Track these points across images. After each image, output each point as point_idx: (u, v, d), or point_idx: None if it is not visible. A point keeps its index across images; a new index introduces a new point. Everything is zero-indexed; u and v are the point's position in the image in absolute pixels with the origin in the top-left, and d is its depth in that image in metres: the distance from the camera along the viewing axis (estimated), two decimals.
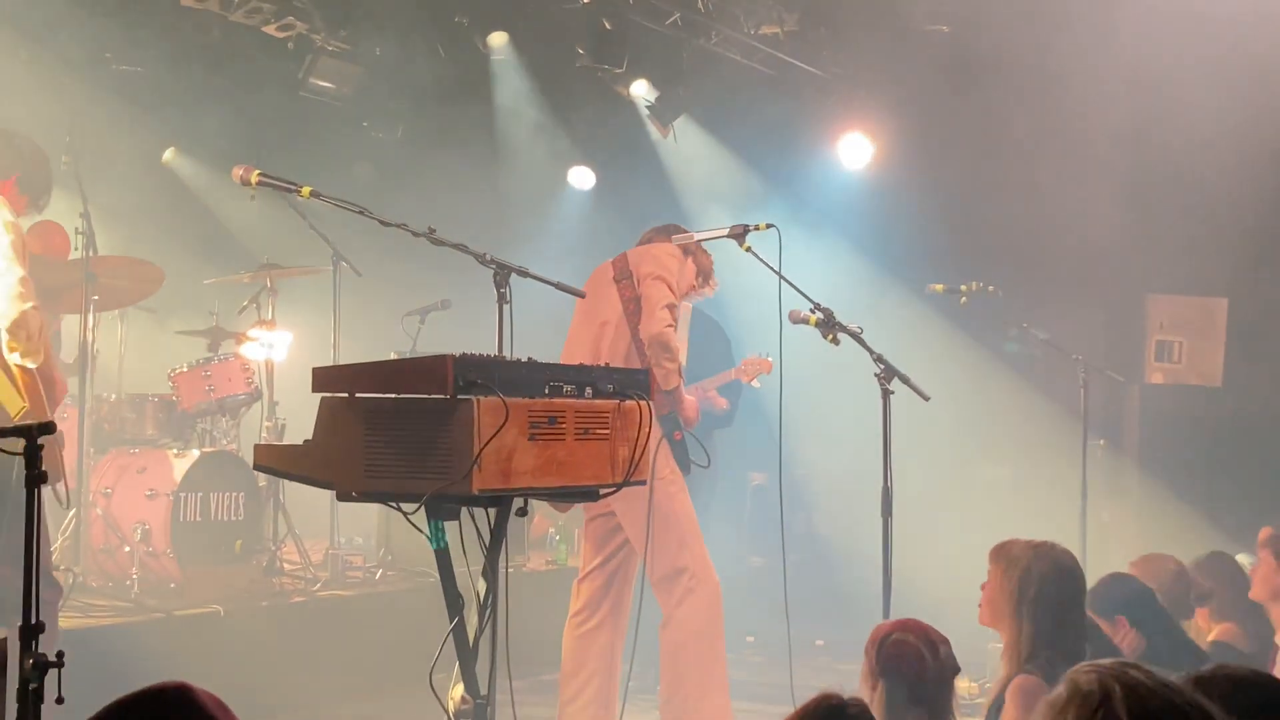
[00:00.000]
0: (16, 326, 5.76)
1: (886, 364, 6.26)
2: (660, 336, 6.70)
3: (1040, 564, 4.78)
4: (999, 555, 4.90)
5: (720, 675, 6.90)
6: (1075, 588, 4.87)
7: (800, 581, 7.10)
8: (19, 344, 5.77)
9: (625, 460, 4.86)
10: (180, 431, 8.73)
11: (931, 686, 4.22)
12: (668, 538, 6.80)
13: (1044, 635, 4.70)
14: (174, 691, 2.46)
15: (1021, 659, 4.69)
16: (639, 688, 6.64)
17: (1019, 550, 4.85)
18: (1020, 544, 4.88)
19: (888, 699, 4.21)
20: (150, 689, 2.45)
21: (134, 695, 2.44)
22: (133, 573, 7.91)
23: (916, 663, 4.21)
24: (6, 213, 5.98)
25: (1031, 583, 4.75)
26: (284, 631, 8.14)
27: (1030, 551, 4.82)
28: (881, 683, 4.23)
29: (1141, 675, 2.49)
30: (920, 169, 11.20)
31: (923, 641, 4.25)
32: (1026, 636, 4.72)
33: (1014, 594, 4.76)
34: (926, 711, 4.18)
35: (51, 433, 3.30)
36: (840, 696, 3.32)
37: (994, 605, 4.86)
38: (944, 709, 4.24)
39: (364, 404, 4.39)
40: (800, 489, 11.04)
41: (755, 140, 11.69)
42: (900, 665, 4.21)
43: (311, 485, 4.58)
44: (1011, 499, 10.34)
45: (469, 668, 4.64)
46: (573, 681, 6.96)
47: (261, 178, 5.36)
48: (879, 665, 4.24)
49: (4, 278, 5.78)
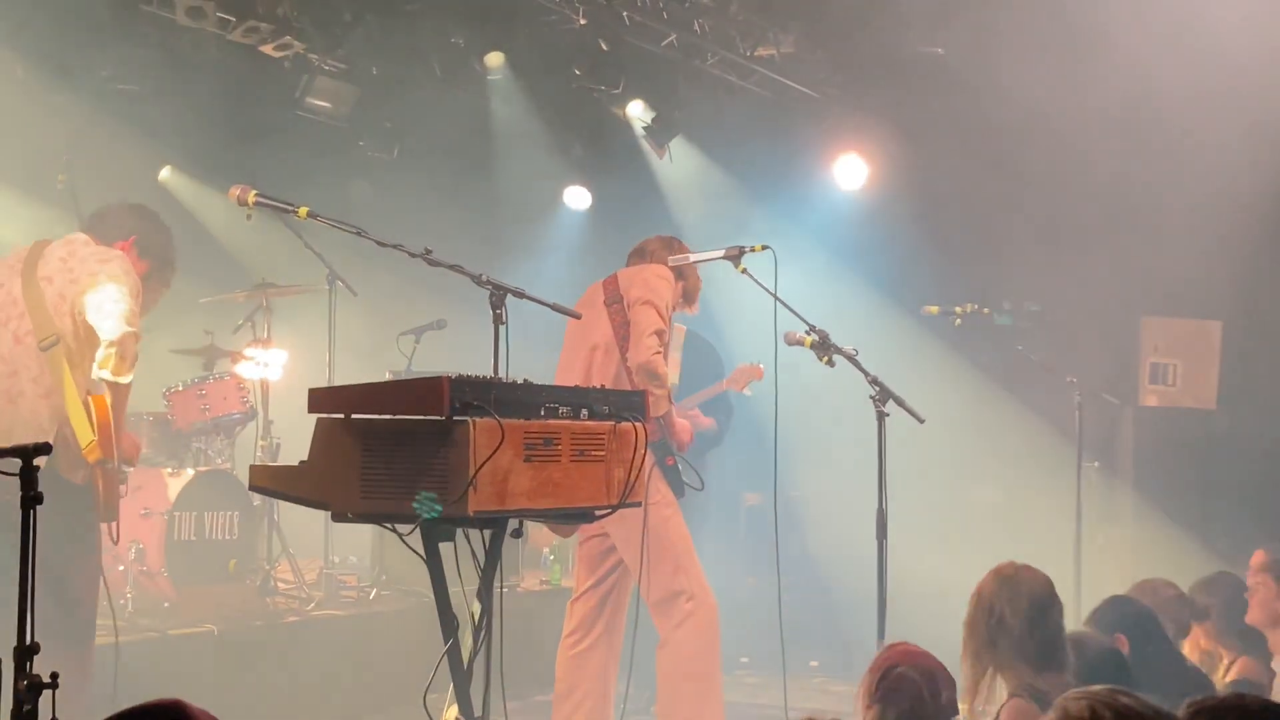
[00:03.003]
0: (116, 344, 6.05)
1: (881, 386, 6.27)
2: (648, 365, 6.69)
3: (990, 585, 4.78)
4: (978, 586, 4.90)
5: (716, 697, 6.89)
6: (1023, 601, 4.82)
7: (794, 603, 7.09)
8: (112, 361, 6.05)
9: (621, 482, 4.86)
10: (175, 450, 8.72)
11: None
12: (663, 561, 6.80)
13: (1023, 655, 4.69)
14: (168, 709, 2.46)
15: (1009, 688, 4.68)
16: (634, 709, 6.64)
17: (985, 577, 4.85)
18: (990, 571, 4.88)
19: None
20: (144, 706, 2.45)
21: (127, 712, 2.44)
22: (126, 592, 7.90)
23: (913, 699, 4.21)
24: (128, 264, 6.35)
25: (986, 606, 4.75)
26: (278, 651, 8.13)
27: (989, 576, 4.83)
28: (876, 708, 4.23)
29: (1132, 701, 2.50)
30: (915, 190, 11.21)
31: (926, 681, 4.24)
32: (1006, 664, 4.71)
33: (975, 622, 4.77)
34: None
35: (47, 453, 3.30)
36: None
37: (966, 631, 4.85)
38: None
39: (360, 425, 4.39)
40: (795, 510, 11.03)
41: (751, 162, 11.71)
42: (897, 698, 4.20)
43: (307, 506, 4.58)
44: (1006, 521, 10.33)
45: (463, 688, 4.64)
46: (566, 702, 6.95)
47: (259, 198, 5.39)
48: (879, 692, 4.24)
49: (120, 304, 6.12)
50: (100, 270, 6.21)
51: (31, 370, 6.13)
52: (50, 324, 6.15)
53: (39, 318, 6.16)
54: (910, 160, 11.18)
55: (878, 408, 6.28)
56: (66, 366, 6.11)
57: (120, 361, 6.06)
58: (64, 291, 6.19)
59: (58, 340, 6.12)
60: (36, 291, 6.20)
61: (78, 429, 6.06)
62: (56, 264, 6.27)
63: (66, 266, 6.26)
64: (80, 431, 6.06)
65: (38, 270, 6.25)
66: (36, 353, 6.13)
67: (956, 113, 10.23)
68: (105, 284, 6.16)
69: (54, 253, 6.33)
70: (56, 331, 6.13)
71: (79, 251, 6.32)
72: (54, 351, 6.12)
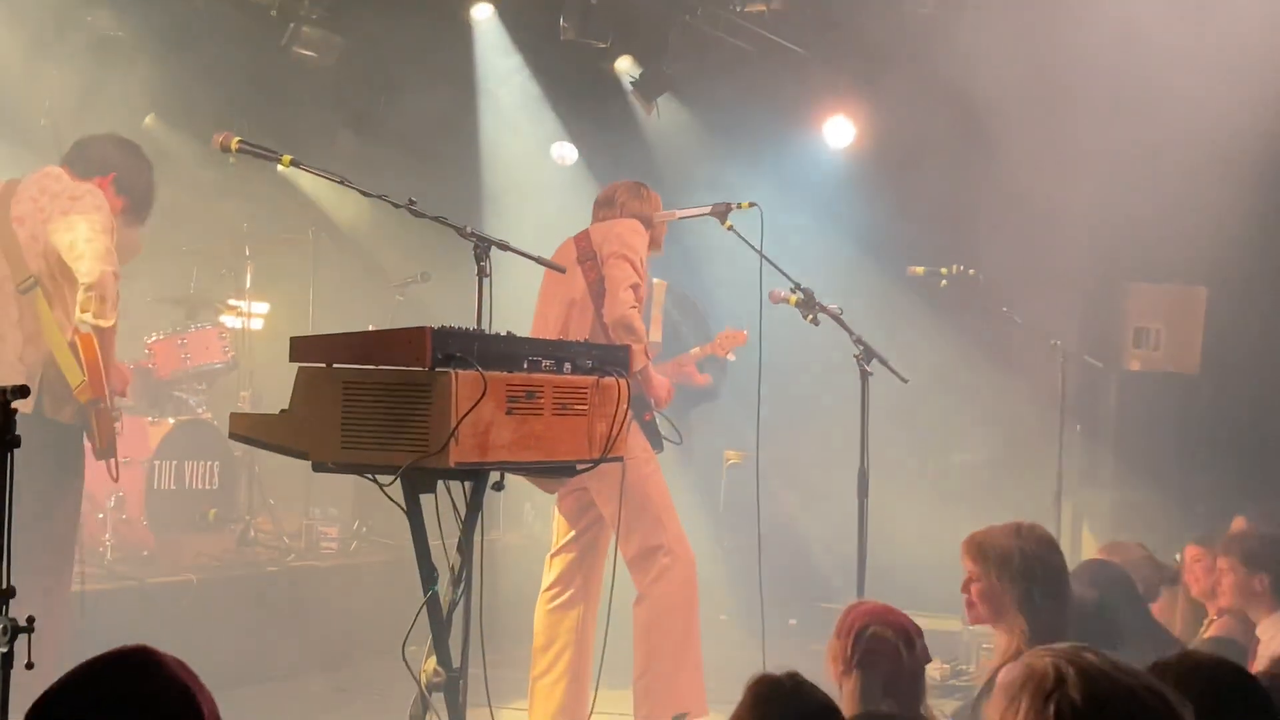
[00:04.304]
0: (94, 286, 5.98)
1: (865, 345, 6.27)
2: (624, 319, 6.65)
3: (1027, 546, 4.76)
4: (980, 553, 4.85)
5: (694, 652, 6.90)
6: (1061, 559, 4.87)
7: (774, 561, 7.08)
8: (93, 304, 5.98)
9: (603, 436, 4.86)
10: (156, 399, 8.70)
11: (905, 679, 4.23)
12: (642, 516, 6.79)
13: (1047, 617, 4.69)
14: (136, 654, 2.44)
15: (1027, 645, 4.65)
16: (612, 664, 6.64)
17: (1002, 541, 4.81)
18: (998, 534, 4.85)
19: (863, 691, 4.20)
20: (111, 653, 2.44)
21: (96, 659, 2.43)
22: (106, 539, 7.89)
23: (893, 659, 4.21)
24: (101, 199, 6.23)
25: (1028, 570, 4.73)
26: (257, 601, 8.13)
27: (1013, 540, 4.79)
28: (857, 673, 4.22)
29: (1095, 658, 2.51)
30: (902, 151, 11.17)
31: (900, 637, 4.24)
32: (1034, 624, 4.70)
33: (1014, 587, 4.74)
34: (898, 702, 4.19)
35: (25, 395, 3.28)
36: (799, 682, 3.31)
37: (991, 603, 4.82)
38: (916, 698, 4.25)
39: (341, 374, 4.37)
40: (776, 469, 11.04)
41: (739, 119, 11.66)
42: (877, 660, 4.20)
43: (287, 455, 4.56)
44: (987, 483, 10.35)
45: (442, 640, 4.64)
46: (545, 655, 6.96)
47: (241, 144, 5.34)
48: (855, 657, 4.23)
49: (93, 242, 6.03)
50: (71, 208, 6.15)
51: (11, 314, 6.11)
52: (25, 267, 6.10)
53: (14, 261, 6.12)
54: (897, 120, 11.13)
55: (861, 367, 6.28)
56: (46, 308, 6.08)
57: (101, 304, 6.01)
58: (36, 232, 6.15)
59: (35, 283, 6.09)
60: (9, 233, 6.15)
61: (66, 370, 6.04)
62: (28, 204, 6.22)
63: (37, 206, 6.21)
64: (69, 372, 6.04)
65: (10, 211, 6.19)
66: (15, 296, 6.10)
67: (943, 73, 10.18)
68: (77, 223, 6.09)
69: (25, 191, 6.27)
70: (33, 274, 6.10)
71: (50, 188, 6.25)
72: (33, 294, 6.09)
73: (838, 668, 4.30)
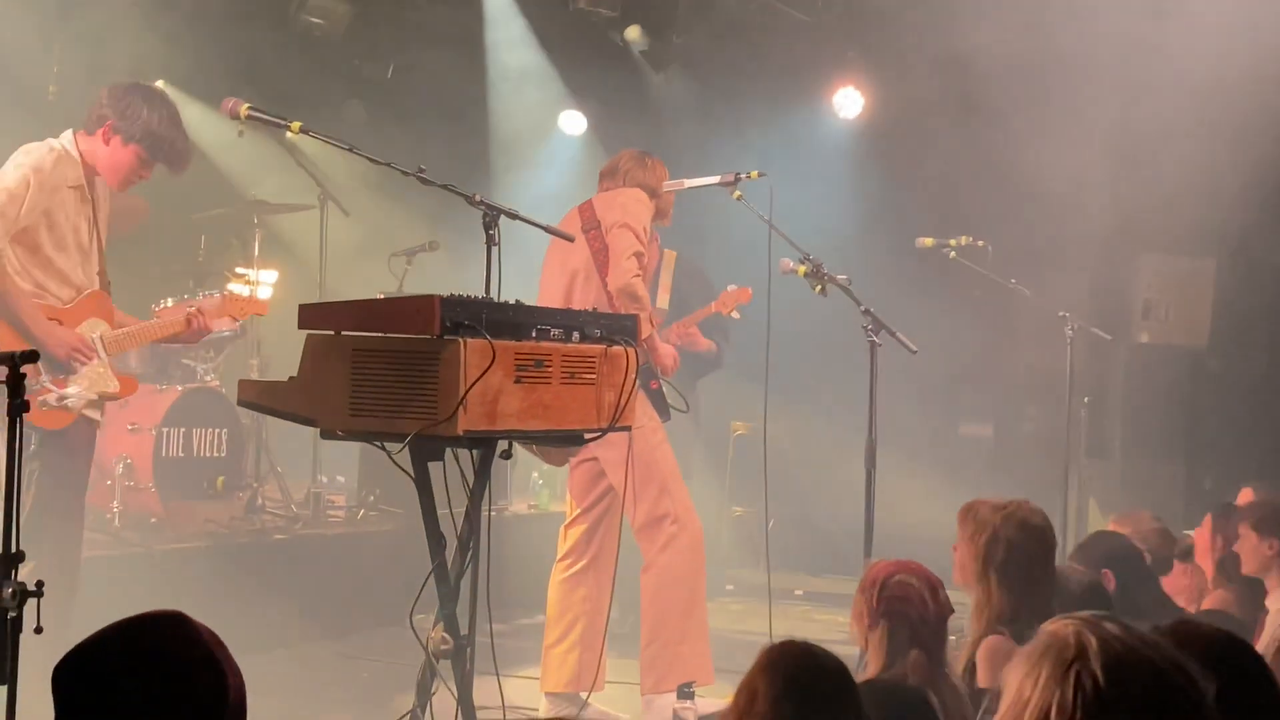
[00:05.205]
0: None
1: (873, 316, 6.26)
2: (628, 287, 6.64)
3: (1007, 528, 4.73)
4: (966, 517, 4.86)
5: (701, 620, 6.91)
6: (1044, 547, 4.83)
7: (781, 531, 7.10)
8: None
9: (611, 405, 4.86)
10: (164, 366, 8.69)
11: (931, 628, 4.24)
12: (649, 485, 6.80)
13: (1013, 596, 4.68)
14: (170, 618, 2.45)
15: (991, 620, 4.67)
16: (620, 633, 6.66)
17: (985, 513, 4.80)
18: (987, 506, 4.84)
19: (890, 640, 4.22)
20: (145, 615, 2.45)
21: (131, 619, 2.43)
22: (114, 506, 7.90)
23: (919, 605, 4.23)
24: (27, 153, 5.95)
25: (999, 547, 4.71)
26: (264, 569, 8.14)
27: (997, 515, 4.78)
28: (884, 623, 4.23)
29: (1117, 629, 2.49)
30: (911, 122, 11.15)
31: (924, 584, 4.27)
32: (996, 598, 4.69)
33: (981, 557, 4.74)
34: (924, 652, 4.20)
35: (34, 360, 3.28)
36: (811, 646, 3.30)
37: (963, 570, 4.85)
38: (940, 649, 4.27)
39: (350, 342, 4.38)
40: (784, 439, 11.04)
41: (748, 88, 11.63)
42: (905, 607, 4.22)
43: (295, 421, 4.57)
44: (995, 454, 10.36)
45: (449, 608, 4.65)
46: (558, 625, 6.97)
47: (250, 111, 5.32)
48: (881, 606, 4.24)
49: None
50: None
51: None
52: None
53: None
54: (907, 92, 11.10)
55: (869, 338, 6.27)
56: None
57: None
58: None
59: None
60: None
61: None
62: None
63: None
64: None
65: None
66: None
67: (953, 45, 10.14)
68: None
69: None
70: None
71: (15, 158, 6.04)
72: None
73: (863, 624, 4.31)
